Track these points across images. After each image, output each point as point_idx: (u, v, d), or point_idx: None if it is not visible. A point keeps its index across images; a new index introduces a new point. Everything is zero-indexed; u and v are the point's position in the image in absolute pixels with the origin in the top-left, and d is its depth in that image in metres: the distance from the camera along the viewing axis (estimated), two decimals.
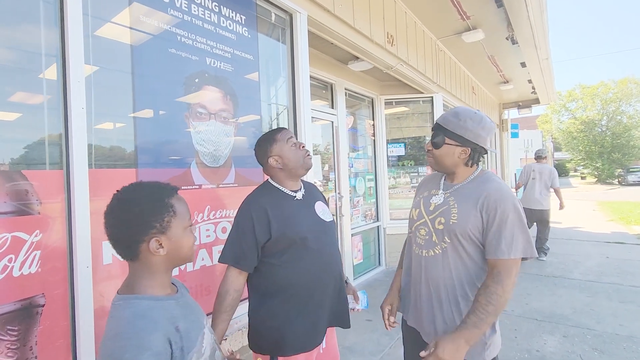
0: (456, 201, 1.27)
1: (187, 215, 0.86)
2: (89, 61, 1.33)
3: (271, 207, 1.37)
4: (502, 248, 1.17)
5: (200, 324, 0.87)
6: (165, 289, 0.84)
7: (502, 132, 9.30)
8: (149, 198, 0.79)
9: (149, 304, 0.77)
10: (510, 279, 1.17)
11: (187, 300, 0.88)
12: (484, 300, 1.16)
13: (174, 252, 0.82)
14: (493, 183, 1.26)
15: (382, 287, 4.28)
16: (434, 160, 1.33)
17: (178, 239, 0.82)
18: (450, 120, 1.27)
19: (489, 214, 1.20)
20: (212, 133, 1.77)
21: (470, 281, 1.27)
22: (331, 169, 4.11)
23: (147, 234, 0.77)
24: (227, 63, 1.87)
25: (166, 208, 0.80)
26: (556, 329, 3.09)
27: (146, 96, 1.52)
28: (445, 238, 1.27)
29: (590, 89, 27.00)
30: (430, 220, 1.33)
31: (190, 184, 1.67)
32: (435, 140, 1.30)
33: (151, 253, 0.78)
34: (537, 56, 5.21)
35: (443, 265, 1.28)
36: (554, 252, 5.74)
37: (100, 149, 1.38)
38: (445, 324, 1.28)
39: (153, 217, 0.78)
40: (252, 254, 1.35)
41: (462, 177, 1.32)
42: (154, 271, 0.81)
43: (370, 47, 3.22)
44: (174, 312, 0.80)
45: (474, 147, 1.27)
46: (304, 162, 1.43)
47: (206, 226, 1.73)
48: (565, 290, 4.04)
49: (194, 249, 0.88)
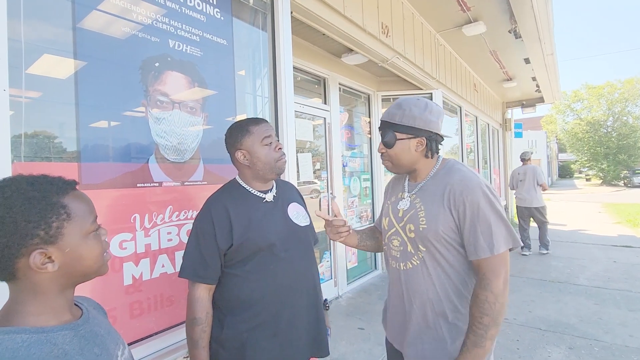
0: (422, 202, 1.12)
1: (90, 217, 0.66)
2: (17, 35, 1.14)
3: (234, 208, 1.19)
4: (481, 245, 1.01)
5: (108, 358, 0.66)
6: (61, 316, 0.64)
7: (506, 132, 9.05)
8: (25, 197, 0.59)
9: (26, 339, 0.57)
10: (498, 279, 0.99)
11: (93, 328, 0.68)
12: (478, 313, 1.00)
13: (71, 266, 0.62)
14: (456, 173, 1.10)
15: (378, 291, 4.08)
16: (391, 163, 1.18)
17: (76, 248, 0.62)
18: (395, 113, 1.14)
19: (458, 210, 1.04)
20: (175, 124, 1.58)
21: (457, 292, 1.09)
22: (323, 168, 3.91)
23: (26, 244, 0.58)
24: (194, 47, 1.68)
25: (54, 210, 0.60)
26: (561, 340, 2.88)
27: (93, 79, 1.33)
28: (420, 247, 1.10)
29: (596, 89, 26.62)
30: (401, 228, 1.16)
31: (148, 180, 1.48)
32: (386, 140, 1.15)
33: (35, 271, 0.59)
34: (542, 51, 4.99)
35: (424, 278, 1.10)
36: (558, 255, 5.52)
37: (33, 139, 1.19)
38: (435, 343, 1.09)
39: (33, 222, 0.58)
40: (215, 263, 1.16)
41: (424, 173, 1.17)
42: (41, 292, 0.61)
43: (363, 38, 3.02)
44: (67, 347, 0.60)
45: (428, 136, 1.13)
46: (275, 166, 1.24)
47: (168, 229, 1.54)
48: (571, 296, 3.82)
49: (103, 259, 0.68)
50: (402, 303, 1.16)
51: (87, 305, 0.73)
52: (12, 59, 1.12)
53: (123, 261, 1.39)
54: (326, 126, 3.93)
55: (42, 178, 0.63)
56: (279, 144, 1.26)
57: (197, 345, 1.13)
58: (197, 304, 1.14)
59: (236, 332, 1.16)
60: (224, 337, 1.16)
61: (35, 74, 1.20)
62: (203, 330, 1.13)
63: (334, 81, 4.03)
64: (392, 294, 1.22)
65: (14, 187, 0.59)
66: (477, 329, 0.99)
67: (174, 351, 1.50)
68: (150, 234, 1.47)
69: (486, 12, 4.00)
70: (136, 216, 1.43)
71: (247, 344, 1.15)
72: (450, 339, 1.08)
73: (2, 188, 0.59)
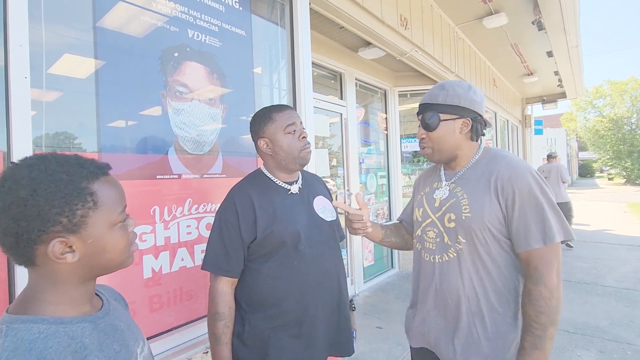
0: (464, 190, 1.04)
1: (119, 206, 0.61)
2: (39, 23, 1.13)
3: (259, 199, 1.13)
4: (533, 234, 0.94)
5: (128, 356, 0.62)
6: (80, 307, 0.60)
7: (525, 129, 8.79)
8: (52, 179, 0.54)
9: (44, 330, 0.53)
10: (552, 272, 0.92)
11: (113, 322, 0.63)
12: (533, 311, 0.93)
13: (93, 258, 0.58)
14: (503, 159, 1.03)
15: (395, 290, 4.00)
16: (432, 149, 1.10)
17: (99, 240, 0.58)
18: (438, 93, 1.07)
19: (506, 198, 0.97)
20: (194, 115, 1.56)
21: (497, 290, 1.01)
22: (339, 165, 3.85)
23: (47, 231, 0.53)
24: (213, 37, 1.65)
25: (81, 196, 0.55)
26: (591, 343, 2.75)
27: (112, 69, 1.31)
28: (460, 237, 1.02)
29: (620, 84, 25.63)
30: (437, 218, 1.09)
31: (167, 172, 1.46)
32: (429, 121, 1.07)
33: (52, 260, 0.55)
34: (566, 43, 4.80)
35: (461, 272, 1.03)
36: (584, 256, 5.31)
37: (54, 128, 1.18)
38: (468, 344, 1.02)
39: (57, 208, 0.53)
40: (239, 255, 1.11)
41: (465, 160, 1.10)
42: (60, 282, 0.57)
43: (382, 30, 2.95)
44: (86, 340, 0.56)
45: (473, 117, 1.06)
46: (299, 156, 1.17)
47: (187, 222, 1.51)
48: (600, 298, 3.65)
49: (128, 251, 0.64)
50: (435, 299, 1.09)
51: (107, 295, 0.69)
52: (33, 47, 1.10)
53: (143, 254, 1.37)
54: (342, 122, 3.87)
55: (74, 159, 0.59)
56: (303, 132, 1.19)
57: (220, 341, 1.08)
58: (220, 298, 1.10)
59: (258, 330, 1.11)
60: (246, 334, 1.12)
61: (59, 68, 1.19)
62: (226, 326, 1.09)
63: (351, 76, 3.96)
64: (422, 290, 1.14)
65: (42, 167, 0.54)
66: (535, 330, 0.92)
67: (194, 346, 1.47)
68: (170, 226, 1.45)
69: (508, 3, 3.86)
70: (156, 208, 1.41)
71: (269, 343, 1.10)
72: (485, 340, 1.01)
73: (30, 166, 0.54)
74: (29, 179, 0.53)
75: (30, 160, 0.56)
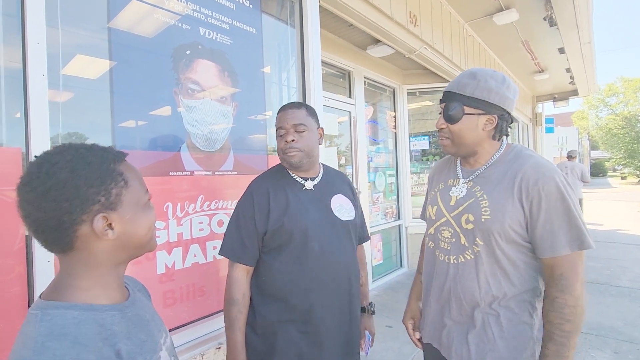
0: (484, 191, 0.99)
1: (143, 187, 0.64)
2: (55, 23, 1.15)
3: (274, 192, 1.16)
4: (560, 241, 0.90)
5: (153, 346, 0.63)
6: (111, 294, 0.61)
7: (536, 127, 8.67)
8: (84, 161, 0.56)
9: (77, 315, 0.54)
10: (578, 280, 0.89)
11: (139, 312, 0.65)
12: (557, 319, 0.90)
13: (127, 235, 0.60)
14: (528, 159, 0.97)
15: (404, 289, 3.97)
16: (451, 141, 1.04)
17: (133, 217, 0.60)
18: (467, 83, 0.99)
19: (531, 201, 0.92)
20: (206, 113, 1.57)
21: (514, 292, 0.98)
22: (348, 163, 3.85)
23: (87, 210, 0.55)
24: (224, 35, 1.66)
25: (113, 176, 0.58)
26: (605, 344, 2.70)
27: (126, 67, 1.33)
28: (478, 240, 0.99)
29: (633, 82, 25.10)
30: (453, 218, 1.05)
31: (180, 169, 1.47)
32: (452, 113, 1.00)
33: (94, 238, 0.56)
34: (579, 39, 4.72)
35: (477, 274, 1.00)
36: (596, 256, 5.21)
37: (70, 124, 1.20)
38: (483, 345, 1.00)
39: (95, 187, 0.55)
40: (253, 245, 1.14)
41: (485, 157, 1.04)
42: (95, 266, 0.58)
43: (391, 27, 2.93)
44: (115, 328, 0.57)
45: (500, 114, 0.99)
46: (284, 158, 1.18)
47: (199, 218, 1.53)
48: (613, 299, 3.58)
49: (154, 231, 0.66)
50: (448, 299, 1.06)
51: (132, 286, 0.70)
52: (51, 48, 1.12)
53: (156, 250, 1.38)
54: (351, 120, 3.86)
55: (96, 146, 0.61)
56: (289, 134, 1.16)
57: (233, 326, 1.11)
58: (235, 284, 1.13)
59: (268, 322, 1.14)
60: (257, 323, 1.15)
61: (73, 68, 1.21)
62: (239, 312, 1.12)
63: (359, 74, 3.95)
64: (434, 290, 1.11)
65: (73, 152, 0.56)
66: (559, 337, 0.89)
67: (206, 342, 1.48)
68: (182, 223, 1.46)
69: None
70: (169, 205, 1.42)
71: (278, 335, 1.13)
72: (501, 340, 0.98)
73: (63, 152, 0.56)
74: (65, 161, 0.54)
75: (60, 148, 0.57)
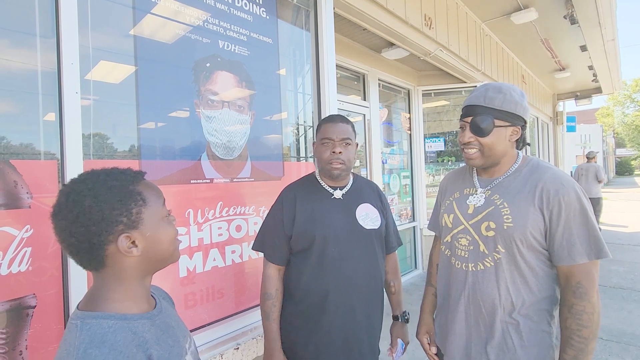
0: (504, 199, 1.03)
1: (162, 203, 0.70)
2: (87, 43, 1.23)
3: (302, 199, 1.24)
4: (578, 249, 0.94)
5: (180, 351, 0.69)
6: (140, 304, 0.67)
7: (557, 126, 8.44)
8: (105, 186, 0.62)
9: (112, 325, 0.60)
10: (595, 288, 0.94)
11: (166, 319, 0.71)
12: (575, 325, 0.93)
13: (150, 250, 0.66)
14: (547, 171, 1.02)
15: (419, 292, 3.97)
16: (481, 153, 1.07)
17: (154, 232, 0.66)
18: (494, 97, 1.03)
19: (551, 210, 0.96)
20: (225, 122, 1.63)
21: (534, 299, 1.01)
22: (362, 165, 3.87)
23: (113, 231, 0.62)
24: (242, 46, 1.71)
25: (132, 197, 0.64)
26: (626, 351, 2.64)
27: (151, 81, 1.40)
28: (499, 247, 1.02)
29: None
30: (472, 226, 1.08)
31: (200, 177, 1.54)
32: (483, 126, 1.03)
33: (122, 255, 0.63)
34: (602, 37, 4.58)
35: (497, 282, 1.03)
36: (620, 259, 5.06)
37: (100, 137, 1.28)
38: (503, 354, 1.02)
39: (117, 209, 0.62)
40: (282, 246, 1.23)
41: (505, 167, 1.08)
42: (125, 279, 0.65)
43: (406, 31, 2.94)
44: (146, 335, 0.63)
45: (523, 125, 1.06)
46: (326, 168, 1.24)
47: (218, 224, 1.59)
48: (637, 304, 3.48)
49: (176, 243, 0.72)
50: (466, 307, 1.09)
51: (157, 295, 0.77)
52: (81, 65, 1.20)
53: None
54: (365, 123, 3.88)
55: (115, 170, 0.67)
56: (337, 146, 1.21)
57: (269, 317, 1.22)
58: (267, 280, 1.25)
59: (291, 318, 1.24)
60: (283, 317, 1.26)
61: (98, 80, 1.29)
62: (273, 305, 1.22)
63: (374, 77, 3.96)
64: (452, 297, 1.13)
65: (94, 179, 0.63)
66: (577, 343, 0.92)
67: (225, 342, 1.55)
68: (203, 228, 1.53)
69: None
70: (190, 211, 1.49)
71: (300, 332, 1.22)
72: (521, 348, 1.00)
73: (84, 180, 0.63)
74: (88, 189, 0.61)
75: (82, 176, 0.65)
